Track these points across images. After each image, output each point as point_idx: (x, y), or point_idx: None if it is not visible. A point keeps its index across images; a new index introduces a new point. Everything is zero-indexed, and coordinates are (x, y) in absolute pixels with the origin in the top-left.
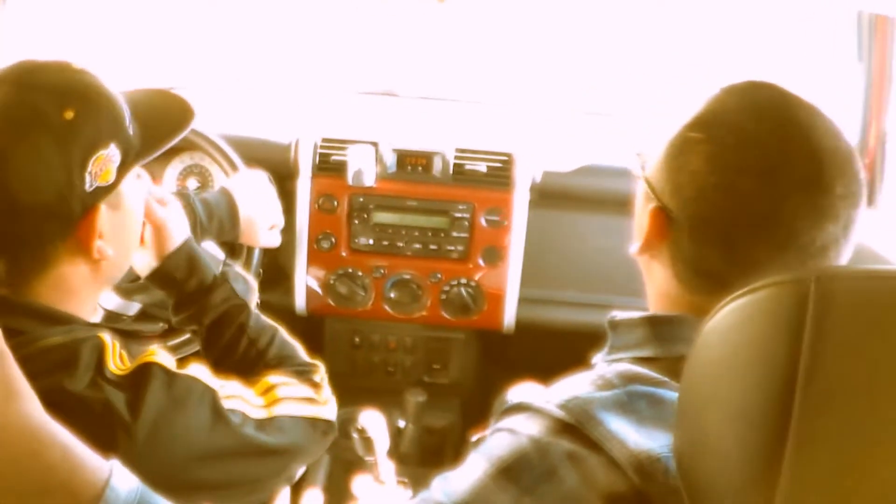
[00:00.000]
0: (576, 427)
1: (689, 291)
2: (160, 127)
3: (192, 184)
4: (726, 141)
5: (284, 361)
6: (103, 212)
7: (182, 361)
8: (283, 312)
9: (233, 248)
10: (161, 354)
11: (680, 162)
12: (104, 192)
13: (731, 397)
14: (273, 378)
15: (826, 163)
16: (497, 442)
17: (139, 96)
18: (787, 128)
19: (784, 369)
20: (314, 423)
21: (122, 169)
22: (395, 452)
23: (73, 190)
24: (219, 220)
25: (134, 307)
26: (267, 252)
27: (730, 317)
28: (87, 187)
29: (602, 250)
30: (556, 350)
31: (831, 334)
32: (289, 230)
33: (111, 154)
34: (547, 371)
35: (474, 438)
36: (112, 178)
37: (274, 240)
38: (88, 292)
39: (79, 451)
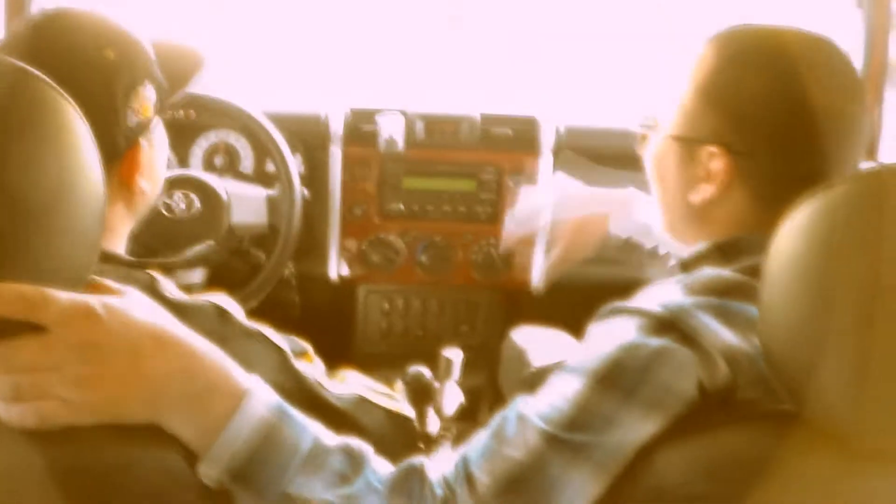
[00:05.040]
0: (671, 322)
1: (774, 207)
2: (178, 70)
3: (218, 161)
4: (775, 64)
5: None
6: (144, 147)
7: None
8: (318, 281)
9: (263, 239)
10: (227, 300)
11: (734, 98)
12: (144, 127)
13: (814, 286)
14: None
15: (855, 77)
16: (586, 356)
17: (153, 43)
18: (814, 44)
19: (867, 255)
20: (392, 414)
21: (157, 107)
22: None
23: (118, 126)
24: None
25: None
26: (301, 222)
27: (810, 212)
28: (130, 123)
29: None
30: (584, 307)
31: None
32: (322, 200)
33: (147, 92)
34: (573, 328)
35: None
36: (151, 114)
37: None
38: (123, 230)
39: (224, 358)
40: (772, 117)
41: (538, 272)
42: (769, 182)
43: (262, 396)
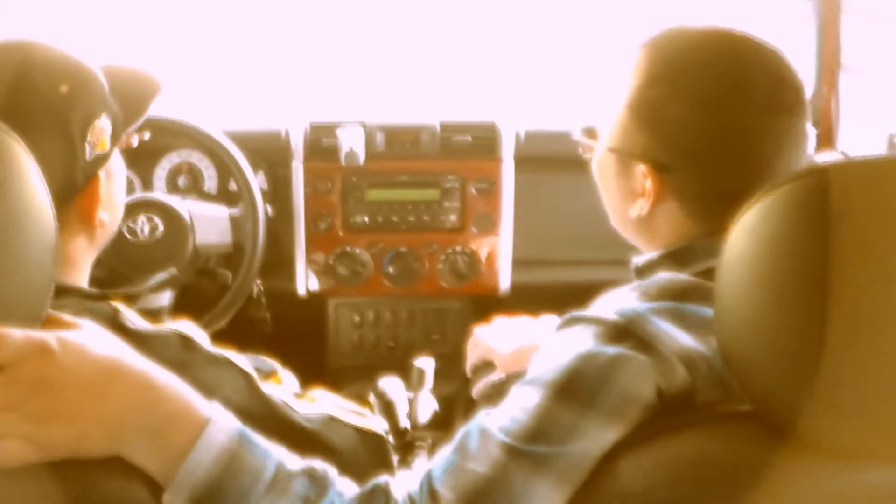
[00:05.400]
0: (627, 329)
1: (707, 219)
2: (133, 98)
3: (181, 182)
4: (696, 84)
5: None
6: (102, 179)
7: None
8: (286, 296)
9: (229, 257)
10: (192, 327)
11: (657, 118)
12: (102, 160)
13: (767, 284)
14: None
15: (786, 86)
16: (544, 368)
17: (104, 70)
18: (746, 56)
19: (817, 251)
20: (362, 432)
21: (113, 137)
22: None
23: (76, 161)
24: None
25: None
26: (267, 238)
27: (758, 212)
28: (87, 157)
29: (589, 209)
30: (551, 309)
31: (855, 215)
32: (286, 215)
33: (103, 124)
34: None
35: (494, 378)
36: (107, 146)
37: None
38: (85, 262)
39: (183, 387)
40: (694, 138)
41: (505, 276)
42: (699, 198)
43: (223, 424)
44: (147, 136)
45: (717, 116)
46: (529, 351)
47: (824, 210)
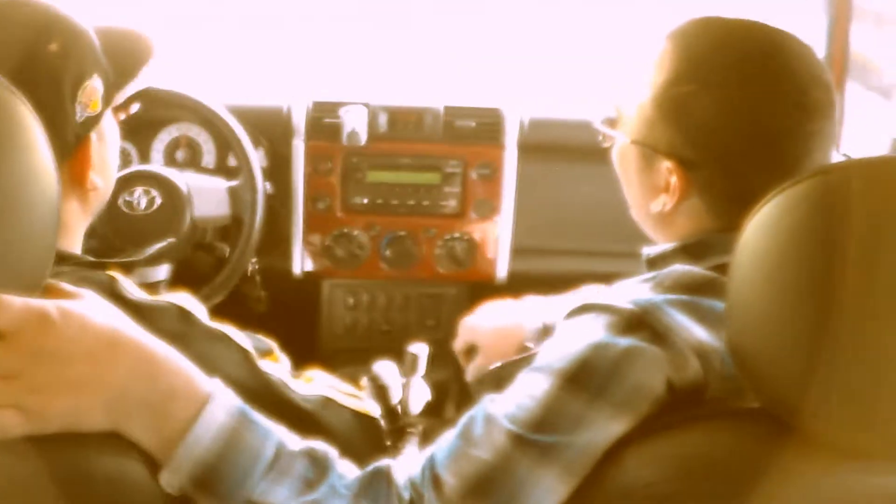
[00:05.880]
0: (641, 319)
1: (730, 217)
2: (125, 59)
3: (180, 156)
4: (727, 82)
5: None
6: (94, 142)
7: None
8: (282, 276)
9: (226, 231)
10: (190, 299)
11: (685, 115)
12: (93, 122)
13: (780, 280)
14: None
15: (819, 85)
16: (554, 356)
17: (97, 30)
18: (779, 53)
19: (831, 248)
20: (358, 414)
21: (105, 99)
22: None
23: (67, 122)
24: None
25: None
26: (264, 216)
27: (776, 208)
28: (78, 118)
29: (592, 198)
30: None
31: (870, 213)
32: (285, 194)
33: (95, 84)
34: None
35: (497, 365)
36: (99, 107)
37: None
38: (78, 228)
39: (184, 362)
40: (723, 137)
41: (503, 263)
42: (724, 197)
43: (224, 401)
44: (137, 108)
45: (748, 115)
46: (510, 330)
47: (840, 207)
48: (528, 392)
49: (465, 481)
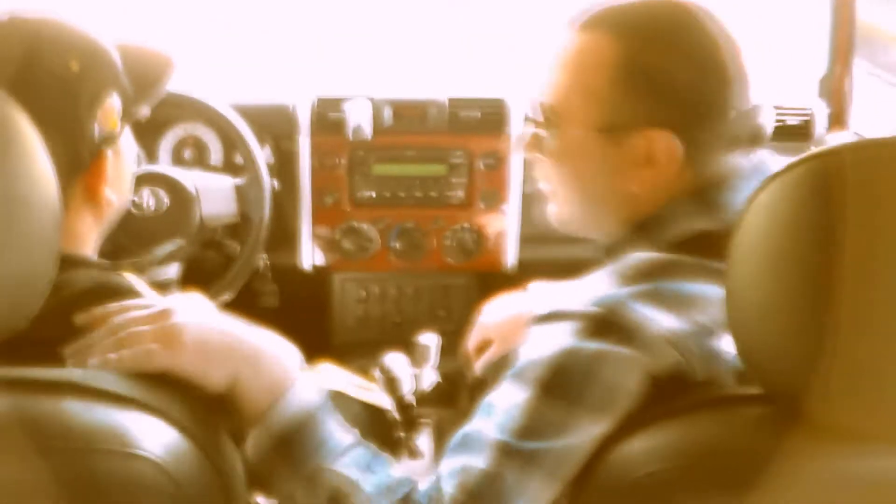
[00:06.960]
0: (609, 320)
1: (700, 171)
2: (145, 77)
3: (187, 155)
4: (686, 42)
5: None
6: (109, 157)
7: None
8: (292, 271)
9: (235, 228)
10: (201, 299)
11: (658, 74)
12: (110, 139)
13: (780, 264)
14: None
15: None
16: (529, 363)
17: (118, 48)
18: (697, 15)
19: (831, 231)
20: (369, 407)
21: (124, 116)
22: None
23: (83, 138)
24: None
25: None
26: (272, 213)
27: (773, 192)
28: (95, 135)
29: None
30: None
31: (870, 195)
32: (292, 190)
33: (113, 102)
34: None
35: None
36: (118, 125)
37: None
38: (92, 237)
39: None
40: (699, 88)
41: (511, 252)
42: (705, 150)
43: (313, 385)
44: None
45: (713, 61)
46: (521, 318)
47: (839, 190)
48: (511, 401)
49: (464, 491)
